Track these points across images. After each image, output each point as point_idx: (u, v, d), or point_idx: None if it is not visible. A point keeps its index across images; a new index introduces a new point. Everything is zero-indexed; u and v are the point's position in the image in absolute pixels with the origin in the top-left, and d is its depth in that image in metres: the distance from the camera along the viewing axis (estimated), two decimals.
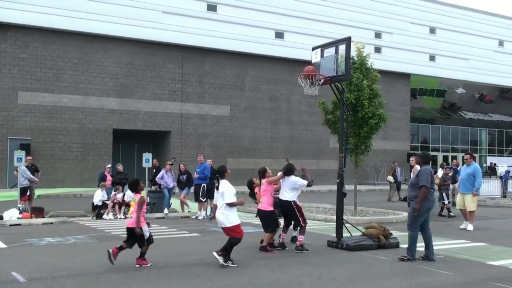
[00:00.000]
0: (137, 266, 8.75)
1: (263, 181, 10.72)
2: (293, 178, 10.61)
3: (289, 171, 10.55)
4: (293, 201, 10.58)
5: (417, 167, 11.02)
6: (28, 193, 16.38)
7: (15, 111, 27.76)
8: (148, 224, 9.05)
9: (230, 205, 8.81)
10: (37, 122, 28.22)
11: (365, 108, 16.41)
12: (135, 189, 9.15)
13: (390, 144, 39.71)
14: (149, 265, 8.79)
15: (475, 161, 14.55)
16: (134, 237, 8.81)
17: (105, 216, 16.25)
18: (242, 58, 34.08)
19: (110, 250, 8.58)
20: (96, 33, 29.47)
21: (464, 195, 14.21)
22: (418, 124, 43.47)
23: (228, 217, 8.84)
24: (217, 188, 9.04)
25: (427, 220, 9.74)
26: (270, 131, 35.27)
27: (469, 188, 14.03)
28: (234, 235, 8.82)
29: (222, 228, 8.98)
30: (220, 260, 8.64)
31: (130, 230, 8.89)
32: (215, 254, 8.72)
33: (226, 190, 8.87)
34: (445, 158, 43.26)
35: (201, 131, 32.80)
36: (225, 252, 8.74)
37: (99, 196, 16.58)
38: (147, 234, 8.86)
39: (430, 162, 9.96)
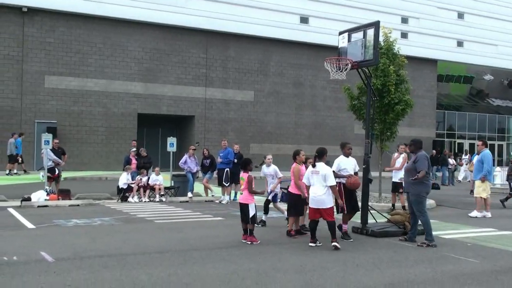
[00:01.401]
0: (248, 242, 9.31)
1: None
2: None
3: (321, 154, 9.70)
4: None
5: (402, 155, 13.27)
6: (56, 173, 16.61)
7: (42, 95, 28.09)
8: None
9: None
10: (63, 106, 28.54)
11: (391, 94, 16.19)
12: (245, 168, 9.85)
13: (416, 131, 39.15)
14: (258, 242, 9.29)
15: (487, 148, 14.48)
16: (245, 212, 9.46)
17: (130, 199, 16.41)
18: (266, 43, 33.88)
19: (244, 241, 9.38)
20: (121, 17, 29.56)
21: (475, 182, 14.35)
22: (444, 111, 42.79)
23: (330, 198, 9.25)
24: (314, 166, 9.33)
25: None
26: (294, 116, 35.11)
27: (478, 175, 14.18)
28: (330, 217, 9.19)
29: (320, 209, 9.16)
30: (338, 245, 9.06)
31: (242, 206, 9.57)
32: (335, 244, 9.04)
33: (328, 173, 9.25)
34: (471, 146, 42.56)
35: (224, 116, 32.82)
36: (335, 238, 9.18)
37: (124, 179, 16.74)
38: (252, 212, 9.37)
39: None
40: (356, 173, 10.54)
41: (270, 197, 11.76)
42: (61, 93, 28.48)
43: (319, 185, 9.20)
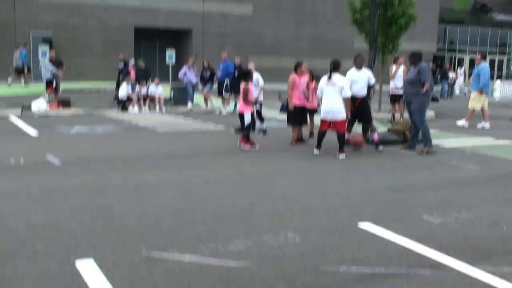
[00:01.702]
0: (245, 148, 9.47)
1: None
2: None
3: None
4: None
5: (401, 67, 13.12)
6: (54, 85, 16.52)
7: (36, 7, 27.37)
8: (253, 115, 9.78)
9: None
10: (58, 18, 27.88)
11: (394, 7, 15.91)
12: (245, 78, 9.76)
13: (416, 45, 38.24)
14: (256, 148, 9.47)
15: (485, 61, 14.58)
16: (240, 120, 9.67)
17: (130, 109, 16.41)
18: None
19: (241, 145, 9.52)
20: None
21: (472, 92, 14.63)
22: (446, 25, 42.00)
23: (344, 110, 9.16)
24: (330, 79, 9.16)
25: None
26: (294, 30, 34.48)
27: (476, 87, 14.37)
28: (342, 129, 9.18)
29: (334, 121, 9.07)
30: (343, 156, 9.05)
31: (239, 115, 9.78)
32: (341, 156, 9.03)
33: (345, 84, 9.19)
34: (472, 61, 42.18)
35: (223, 30, 32.19)
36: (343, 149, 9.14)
37: (125, 90, 16.65)
38: (247, 121, 9.50)
39: None
40: (371, 87, 10.32)
41: (257, 107, 11.59)
42: (56, 5, 27.75)
43: (336, 96, 9.05)
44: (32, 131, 11.40)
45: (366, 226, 5.17)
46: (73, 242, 4.51)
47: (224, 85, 16.56)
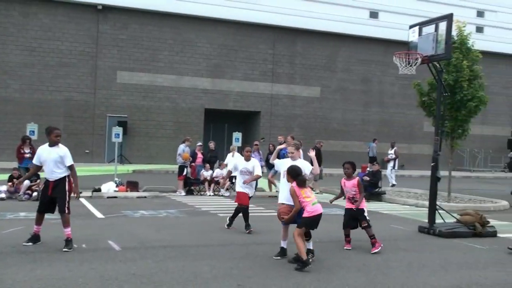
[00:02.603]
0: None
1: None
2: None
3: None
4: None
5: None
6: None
7: (114, 90, 29.06)
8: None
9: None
10: (133, 100, 29.41)
11: (464, 90, 15.59)
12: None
13: (489, 129, 37.61)
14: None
15: None
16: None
17: (207, 192, 16.71)
18: (334, 38, 33.47)
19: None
20: (192, 14, 30.05)
21: None
22: None
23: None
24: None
25: None
26: (361, 113, 34.53)
27: None
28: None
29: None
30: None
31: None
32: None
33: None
34: None
35: (290, 112, 32.74)
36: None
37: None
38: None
39: None
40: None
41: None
42: (132, 88, 29.35)
43: None
44: (98, 213, 11.74)
45: None
46: None
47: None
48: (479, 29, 36.22)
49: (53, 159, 8.17)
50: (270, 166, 17.71)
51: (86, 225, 10.21)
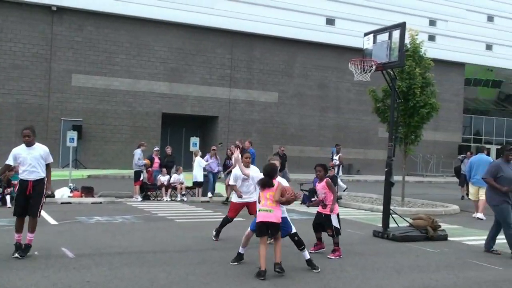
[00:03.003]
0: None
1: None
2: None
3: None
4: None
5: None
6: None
7: (69, 93, 28.48)
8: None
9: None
10: (89, 104, 28.89)
11: (416, 97, 15.99)
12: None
13: (441, 135, 38.71)
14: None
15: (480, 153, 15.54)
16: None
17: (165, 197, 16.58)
18: (291, 44, 33.80)
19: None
20: (148, 17, 29.80)
21: None
22: (471, 116, 42.13)
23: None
24: None
25: None
26: (318, 118, 34.94)
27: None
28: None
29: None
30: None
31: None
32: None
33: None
34: (499, 152, 41.73)
35: (248, 117, 32.84)
36: None
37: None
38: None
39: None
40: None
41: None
42: (87, 91, 28.84)
43: None
44: (52, 220, 11.48)
45: None
46: None
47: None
48: (431, 38, 37.24)
49: (34, 157, 7.99)
50: (227, 171, 17.74)
51: (39, 232, 9.90)
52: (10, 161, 8.13)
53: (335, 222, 8.76)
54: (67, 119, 28.13)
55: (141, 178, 16.83)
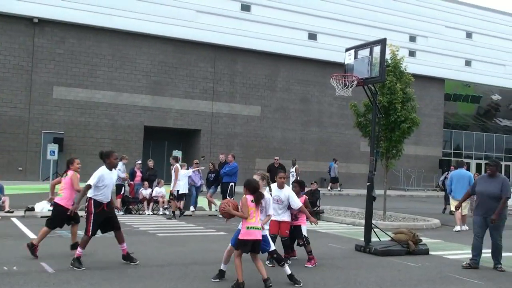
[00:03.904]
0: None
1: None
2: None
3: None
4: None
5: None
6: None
7: (50, 105, 28.24)
8: None
9: None
10: (70, 117, 28.66)
11: (397, 112, 16.13)
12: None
13: (422, 150, 39.11)
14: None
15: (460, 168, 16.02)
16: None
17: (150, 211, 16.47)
18: (274, 58, 34.00)
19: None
20: (131, 30, 29.77)
21: None
22: (451, 130, 42.67)
23: None
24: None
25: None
26: (300, 132, 35.09)
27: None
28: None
29: None
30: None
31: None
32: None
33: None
34: (479, 166, 42.36)
35: (231, 131, 32.85)
36: None
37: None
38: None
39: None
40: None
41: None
42: (69, 104, 28.62)
43: None
44: (31, 234, 11.32)
45: None
46: None
47: (229, 188, 16.59)
48: (412, 53, 37.78)
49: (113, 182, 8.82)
50: (209, 185, 17.74)
51: (18, 246, 9.82)
52: (96, 181, 8.50)
53: (305, 232, 9.16)
54: (48, 131, 27.86)
55: (122, 192, 16.70)
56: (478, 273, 9.05)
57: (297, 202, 8.87)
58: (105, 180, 8.51)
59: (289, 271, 7.66)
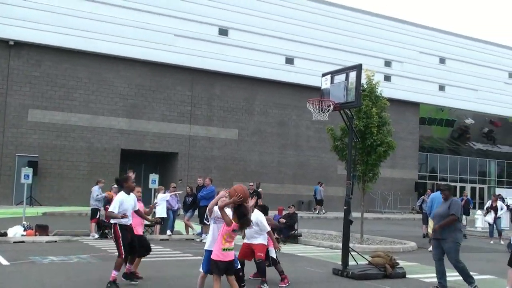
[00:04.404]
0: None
1: None
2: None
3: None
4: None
5: None
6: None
7: (25, 128, 27.87)
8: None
9: None
10: (45, 140, 28.31)
11: (373, 136, 16.34)
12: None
13: (398, 173, 39.52)
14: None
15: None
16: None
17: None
18: (251, 82, 34.21)
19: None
20: (108, 53, 29.71)
21: None
22: (427, 153, 43.25)
23: None
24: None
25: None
26: (278, 156, 35.19)
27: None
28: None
29: None
30: None
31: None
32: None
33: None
34: (454, 189, 42.86)
35: (208, 154, 32.79)
36: None
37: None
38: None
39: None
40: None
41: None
42: (44, 127, 28.29)
43: None
44: (3, 260, 11.07)
45: None
46: None
47: (207, 211, 16.47)
48: (387, 78, 38.39)
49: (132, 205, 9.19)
50: (186, 209, 17.62)
51: None
52: (114, 208, 8.81)
53: (272, 254, 9.49)
54: (22, 154, 27.43)
55: (98, 216, 16.48)
56: None
57: (266, 226, 9.26)
58: (124, 204, 8.89)
59: None
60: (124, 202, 8.89)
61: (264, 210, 10.11)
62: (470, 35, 45.82)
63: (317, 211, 32.19)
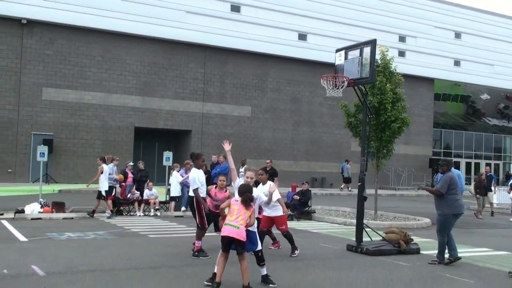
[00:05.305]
0: None
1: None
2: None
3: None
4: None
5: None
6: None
7: (39, 107, 28.07)
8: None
9: None
10: (60, 118, 28.50)
11: (387, 112, 16.20)
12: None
13: (412, 149, 39.29)
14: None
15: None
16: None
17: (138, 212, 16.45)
18: (264, 59, 34.01)
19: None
20: (120, 31, 29.65)
21: None
22: (441, 130, 42.89)
23: None
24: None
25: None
26: (291, 132, 35.13)
27: None
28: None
29: None
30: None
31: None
32: None
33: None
34: (468, 165, 42.63)
35: (221, 131, 32.81)
36: None
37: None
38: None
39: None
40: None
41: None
42: (58, 105, 28.46)
43: None
44: (21, 236, 11.25)
45: None
46: None
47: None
48: (401, 53, 37.95)
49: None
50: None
51: (8, 249, 9.76)
52: (196, 184, 9.56)
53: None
54: (38, 133, 27.69)
55: (114, 193, 16.63)
56: (469, 272, 9.11)
57: (270, 193, 8.51)
58: (200, 178, 9.63)
59: (265, 272, 7.58)
60: (199, 176, 9.63)
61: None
62: (486, 9, 45.23)
63: (341, 188, 31.92)
